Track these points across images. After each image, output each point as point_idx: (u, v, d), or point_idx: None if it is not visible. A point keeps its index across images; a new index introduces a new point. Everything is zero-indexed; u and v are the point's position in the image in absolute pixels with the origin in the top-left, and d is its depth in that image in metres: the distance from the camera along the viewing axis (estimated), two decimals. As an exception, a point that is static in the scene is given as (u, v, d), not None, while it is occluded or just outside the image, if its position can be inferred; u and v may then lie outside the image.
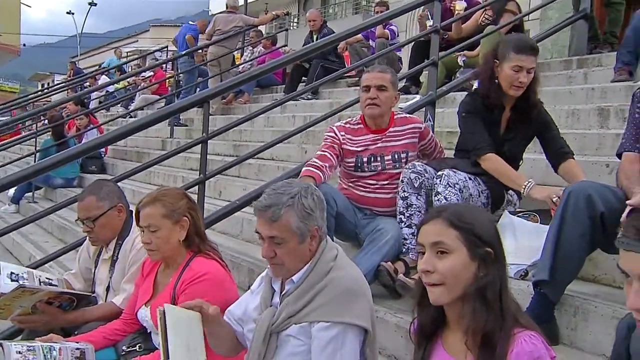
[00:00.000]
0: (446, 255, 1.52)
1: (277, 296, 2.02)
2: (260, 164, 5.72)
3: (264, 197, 1.93)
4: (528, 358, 1.42)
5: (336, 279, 1.92)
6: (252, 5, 19.04)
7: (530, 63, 2.86)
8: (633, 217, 1.23)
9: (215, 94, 4.02)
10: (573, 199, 2.22)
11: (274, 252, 1.92)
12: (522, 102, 2.96)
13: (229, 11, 8.98)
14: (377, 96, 3.06)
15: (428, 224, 1.57)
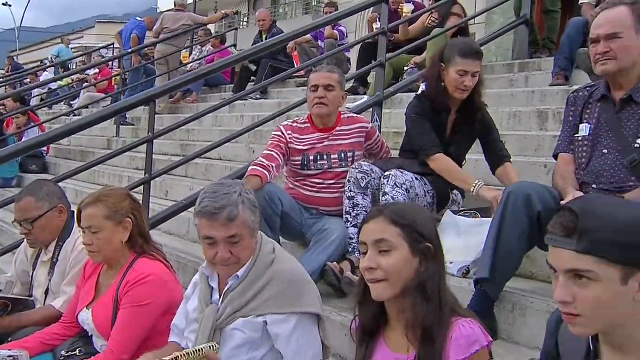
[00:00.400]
0: (389, 252, 1.57)
1: (216, 293, 2.04)
2: (208, 163, 5.67)
3: (211, 201, 1.92)
4: (465, 342, 1.50)
5: (282, 271, 1.99)
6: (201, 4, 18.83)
7: (475, 67, 2.94)
8: (559, 215, 1.28)
9: (161, 93, 3.96)
10: (512, 199, 2.29)
11: (230, 252, 1.94)
12: (467, 105, 3.04)
13: (177, 9, 8.85)
14: (325, 96, 3.09)
15: (370, 222, 1.62)
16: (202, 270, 2.08)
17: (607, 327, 1.28)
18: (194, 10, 12.86)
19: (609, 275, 1.21)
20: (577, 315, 1.25)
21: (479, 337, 1.52)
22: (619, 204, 1.31)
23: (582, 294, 1.23)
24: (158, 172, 3.83)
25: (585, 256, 1.22)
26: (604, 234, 1.21)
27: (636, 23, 2.27)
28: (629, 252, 1.20)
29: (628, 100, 2.35)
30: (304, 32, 4.89)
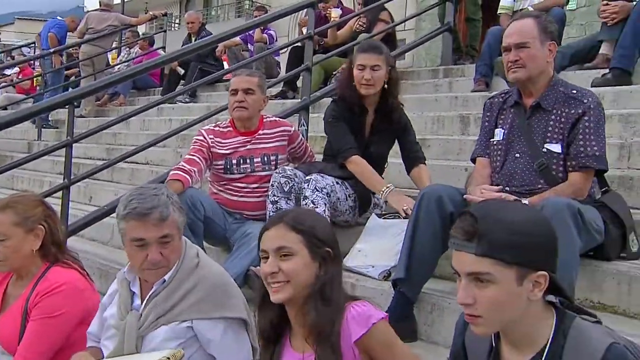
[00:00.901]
0: (290, 257, 1.62)
1: (137, 299, 1.99)
2: (134, 168, 5.52)
3: (140, 202, 1.89)
4: (360, 318, 1.59)
5: (206, 275, 1.99)
6: (131, 4, 18.41)
7: (372, 61, 2.97)
8: (461, 219, 1.33)
9: (81, 94, 3.82)
10: (425, 201, 2.36)
11: (161, 253, 1.92)
12: (383, 105, 3.10)
13: (102, 9, 8.59)
14: (244, 99, 3.09)
15: (271, 229, 1.67)
16: (122, 275, 2.04)
17: (505, 326, 1.33)
18: (122, 10, 12.57)
19: (505, 276, 1.26)
20: (478, 316, 1.30)
21: (373, 312, 1.61)
22: (515, 208, 1.37)
23: (481, 296, 1.28)
24: (78, 176, 3.70)
25: (483, 259, 1.27)
26: (500, 237, 1.26)
27: (540, 34, 2.39)
28: (523, 253, 1.26)
29: (537, 107, 2.46)
30: (232, 34, 4.85)
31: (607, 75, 3.89)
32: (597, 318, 1.35)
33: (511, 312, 1.29)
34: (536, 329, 1.32)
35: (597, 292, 2.33)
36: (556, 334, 1.30)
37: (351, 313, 1.60)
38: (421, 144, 4.00)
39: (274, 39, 7.38)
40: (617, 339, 1.25)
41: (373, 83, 2.99)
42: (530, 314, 1.30)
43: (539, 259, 1.28)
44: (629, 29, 3.84)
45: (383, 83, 3.04)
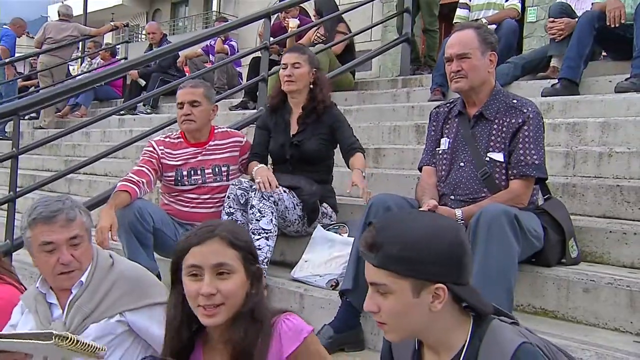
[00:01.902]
0: (228, 276, 1.49)
1: (56, 309, 1.97)
2: (92, 180, 5.45)
3: (45, 207, 1.91)
4: (292, 332, 1.52)
5: (125, 270, 2.02)
6: (95, 14, 18.23)
7: (293, 59, 3.14)
8: (366, 229, 1.35)
9: (28, 105, 3.74)
10: (374, 210, 2.37)
11: (72, 255, 1.91)
12: (309, 104, 3.16)
13: (61, 19, 8.46)
14: (191, 112, 3.08)
15: (204, 244, 1.49)
16: (34, 292, 2.00)
17: (415, 333, 1.35)
18: (84, 21, 12.42)
19: (400, 288, 1.27)
20: (384, 323, 1.32)
21: (303, 325, 1.56)
22: (414, 221, 1.34)
23: (383, 304, 1.30)
24: (24, 189, 3.62)
25: (380, 270, 1.28)
26: (393, 249, 1.27)
27: (481, 45, 2.43)
28: (415, 267, 1.26)
29: (480, 116, 2.49)
30: (191, 42, 4.81)
31: (556, 86, 3.98)
32: (515, 319, 1.37)
33: (413, 322, 1.30)
34: (450, 335, 1.33)
35: (539, 297, 2.36)
36: (472, 337, 1.31)
37: (282, 327, 1.53)
38: (377, 154, 4.08)
39: (235, 50, 7.36)
40: (530, 339, 1.27)
41: (295, 80, 3.11)
42: (439, 321, 1.31)
43: (434, 272, 1.27)
44: (574, 42, 3.95)
45: (308, 83, 3.15)
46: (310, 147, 3.12)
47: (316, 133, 3.14)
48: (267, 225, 2.76)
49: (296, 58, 3.14)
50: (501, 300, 1.99)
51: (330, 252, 2.82)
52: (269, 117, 3.26)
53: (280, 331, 1.53)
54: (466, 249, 1.31)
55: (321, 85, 3.17)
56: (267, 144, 3.22)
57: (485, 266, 2.06)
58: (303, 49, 3.28)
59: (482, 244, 2.09)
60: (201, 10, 19.66)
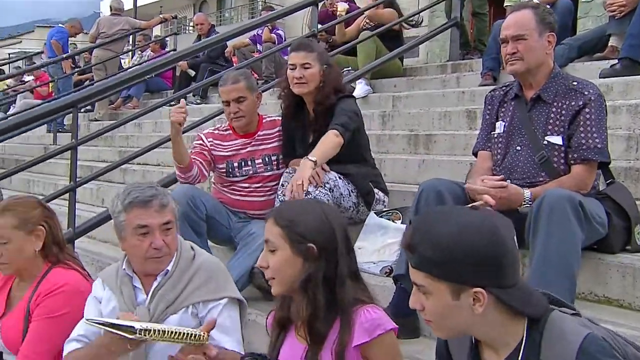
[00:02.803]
0: (274, 252, 1.64)
1: (140, 294, 2.03)
2: (145, 170, 5.57)
3: (140, 192, 1.98)
4: (370, 325, 1.56)
5: (205, 262, 2.10)
6: (145, 8, 18.56)
7: (301, 59, 2.92)
8: (406, 227, 1.35)
9: (84, 97, 3.85)
10: (425, 195, 2.34)
11: (164, 240, 1.98)
12: (318, 104, 2.99)
13: (113, 13, 8.67)
14: (238, 109, 3.06)
15: (266, 223, 1.69)
16: (119, 272, 2.08)
17: (462, 332, 1.31)
18: (134, 14, 12.66)
19: (438, 290, 1.24)
20: (430, 321, 1.31)
21: (383, 321, 1.57)
22: (447, 220, 1.27)
23: (426, 304, 1.28)
24: (84, 179, 3.74)
25: (417, 271, 1.27)
26: (427, 252, 1.24)
27: (538, 25, 2.35)
28: (449, 270, 1.22)
29: (537, 99, 2.43)
30: (238, 32, 4.85)
31: (616, 66, 3.83)
32: (576, 310, 1.31)
33: (458, 322, 1.27)
34: (504, 332, 1.28)
35: (601, 285, 2.29)
36: (530, 332, 1.26)
37: (361, 318, 1.57)
38: (428, 140, 4.03)
39: (282, 39, 7.38)
40: (595, 330, 1.22)
41: (305, 81, 2.92)
42: (487, 321, 1.26)
43: (470, 276, 1.21)
44: (638, 19, 3.77)
45: (320, 82, 2.94)
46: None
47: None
48: None
49: (305, 57, 2.92)
50: (563, 286, 1.94)
51: (384, 239, 2.80)
52: (286, 122, 3.14)
53: (357, 321, 1.56)
54: (506, 248, 1.23)
55: (327, 82, 2.97)
56: (293, 147, 3.10)
57: (545, 251, 2.01)
58: (311, 46, 3.06)
59: (544, 229, 2.04)
60: (247, 1, 19.82)
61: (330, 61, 3.09)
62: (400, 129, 4.46)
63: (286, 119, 3.15)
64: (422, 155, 3.93)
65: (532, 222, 2.08)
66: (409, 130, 4.34)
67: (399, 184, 3.61)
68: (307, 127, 3.07)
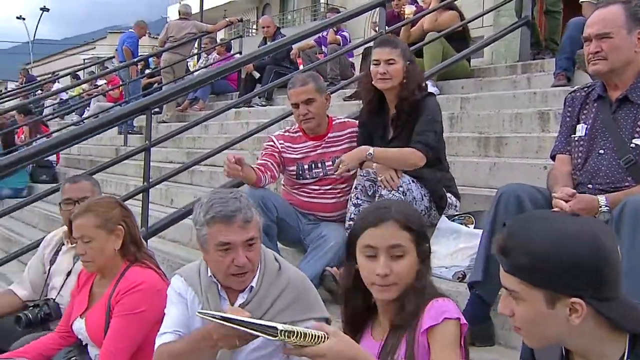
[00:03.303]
0: (402, 257, 1.58)
1: (225, 303, 1.98)
2: (212, 171, 5.66)
3: (223, 205, 1.87)
4: (435, 312, 1.54)
5: (292, 279, 2.00)
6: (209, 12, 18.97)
7: (386, 55, 2.94)
8: (500, 231, 1.29)
9: (157, 100, 3.95)
10: (504, 200, 2.27)
11: (246, 257, 1.90)
12: (401, 100, 2.99)
13: (181, 18, 8.90)
14: (307, 111, 3.08)
15: (380, 227, 1.58)
16: (207, 278, 1.99)
17: (552, 342, 1.25)
18: (200, 18, 12.95)
19: (532, 297, 1.19)
20: (519, 328, 1.25)
21: (450, 310, 1.55)
22: (544, 226, 1.22)
23: (517, 310, 1.23)
24: (156, 179, 3.84)
25: (511, 276, 1.22)
26: (522, 258, 1.19)
27: (628, 22, 2.23)
28: (545, 278, 1.17)
29: (624, 100, 2.31)
30: (305, 35, 4.88)
31: None
32: None
33: (551, 331, 1.21)
34: (602, 346, 1.20)
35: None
36: (633, 347, 1.18)
37: (430, 307, 1.56)
38: (498, 142, 3.93)
39: (347, 41, 7.38)
40: None
41: (389, 77, 2.94)
42: (584, 333, 1.19)
43: (567, 286, 1.15)
44: None
45: (403, 78, 2.96)
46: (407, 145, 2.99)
47: (411, 130, 2.99)
48: None
49: (389, 53, 2.94)
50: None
51: (456, 243, 2.75)
52: (367, 117, 3.14)
53: (426, 308, 1.56)
54: (608, 258, 1.17)
55: (410, 79, 2.98)
56: (370, 143, 3.06)
57: (632, 257, 1.91)
58: (395, 42, 3.10)
59: (628, 235, 1.93)
60: (309, 3, 19.94)
61: (412, 58, 3.11)
62: (470, 131, 4.37)
63: (366, 115, 3.15)
64: (492, 158, 3.83)
65: (614, 227, 1.97)
66: (478, 133, 4.25)
67: (469, 187, 3.54)
68: (387, 123, 3.06)
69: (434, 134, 2.92)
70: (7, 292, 2.99)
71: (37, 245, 3.33)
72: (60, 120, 11.98)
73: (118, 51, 9.33)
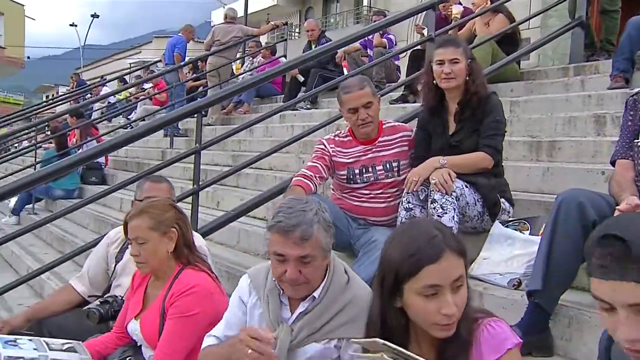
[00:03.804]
0: (461, 287, 1.46)
1: (286, 310, 1.97)
2: (258, 174, 5.70)
3: (285, 216, 1.84)
4: (494, 340, 1.44)
5: (357, 295, 1.91)
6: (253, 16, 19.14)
7: (450, 54, 2.97)
8: (604, 243, 1.14)
9: (207, 104, 4.00)
10: (564, 207, 2.19)
11: (300, 271, 1.85)
12: (466, 99, 3.02)
13: (227, 22, 8.99)
14: (367, 115, 3.07)
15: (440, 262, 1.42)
16: (271, 282, 1.97)
17: None
18: (245, 22, 13.07)
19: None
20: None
21: (509, 335, 1.46)
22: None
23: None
24: (206, 182, 3.87)
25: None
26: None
27: None
28: None
29: (692, 104, 2.21)
30: (351, 39, 4.86)
31: None
32: None
33: None
34: None
35: None
36: None
37: (484, 334, 1.45)
38: (551, 147, 3.83)
39: (393, 43, 7.32)
40: None
41: (454, 76, 2.97)
42: None
43: None
44: None
45: (465, 76, 3.00)
46: (469, 146, 2.97)
47: (474, 129, 2.99)
48: (449, 222, 2.66)
49: (453, 53, 2.98)
50: None
51: (511, 250, 2.67)
52: (427, 118, 3.15)
53: (481, 337, 1.44)
54: None
55: (474, 76, 3.02)
56: (429, 145, 3.10)
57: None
58: (457, 42, 3.13)
59: None
60: (352, 6, 19.91)
61: (473, 55, 3.14)
62: (520, 135, 4.27)
63: (427, 115, 3.16)
64: (545, 163, 3.74)
65: None
66: (529, 137, 4.15)
67: (521, 192, 3.45)
68: (446, 120, 3.08)
69: (502, 137, 2.97)
70: (66, 287, 3.05)
71: (92, 246, 3.40)
72: (108, 122, 12.29)
73: (165, 55, 9.48)
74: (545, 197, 3.22)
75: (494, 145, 2.92)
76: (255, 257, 3.91)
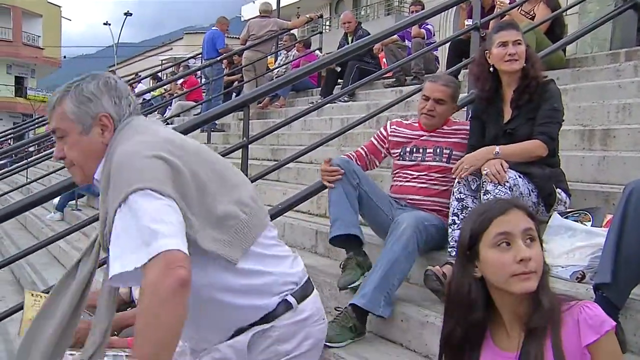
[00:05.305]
0: (534, 242, 1.53)
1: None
2: (299, 167, 5.69)
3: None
4: (593, 321, 1.45)
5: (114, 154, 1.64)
6: (284, 10, 19.15)
7: (514, 36, 2.95)
8: None
9: (254, 97, 3.99)
10: (635, 196, 2.10)
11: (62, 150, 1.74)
12: (523, 80, 2.97)
13: (262, 16, 8.99)
14: (434, 108, 3.15)
15: (508, 214, 1.54)
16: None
17: None
18: (277, 16, 13.07)
19: None
20: None
21: (606, 317, 1.48)
22: None
23: None
24: (253, 176, 3.86)
25: None
26: None
27: None
28: None
29: None
30: (392, 32, 4.80)
31: None
32: None
33: None
34: None
35: None
36: None
37: (583, 314, 1.47)
38: (605, 135, 3.72)
39: (431, 34, 7.23)
40: None
41: (518, 58, 2.93)
42: None
43: None
44: None
45: (525, 59, 2.96)
46: (525, 134, 2.90)
47: (530, 117, 2.92)
48: None
49: (517, 35, 2.95)
50: None
51: (572, 241, 2.59)
52: (482, 107, 3.12)
53: (579, 318, 1.46)
54: None
55: (532, 61, 2.98)
56: (483, 134, 3.08)
57: None
58: (517, 25, 3.14)
59: None
60: (383, -2, 19.77)
61: (528, 42, 3.14)
62: (571, 124, 4.15)
63: (482, 104, 3.14)
64: (600, 152, 3.63)
65: None
66: (580, 125, 4.04)
67: (575, 182, 3.35)
68: (500, 108, 3.05)
69: (558, 125, 2.91)
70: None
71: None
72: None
73: (204, 48, 9.50)
74: (604, 187, 3.13)
75: (548, 132, 2.85)
76: (304, 252, 3.89)
